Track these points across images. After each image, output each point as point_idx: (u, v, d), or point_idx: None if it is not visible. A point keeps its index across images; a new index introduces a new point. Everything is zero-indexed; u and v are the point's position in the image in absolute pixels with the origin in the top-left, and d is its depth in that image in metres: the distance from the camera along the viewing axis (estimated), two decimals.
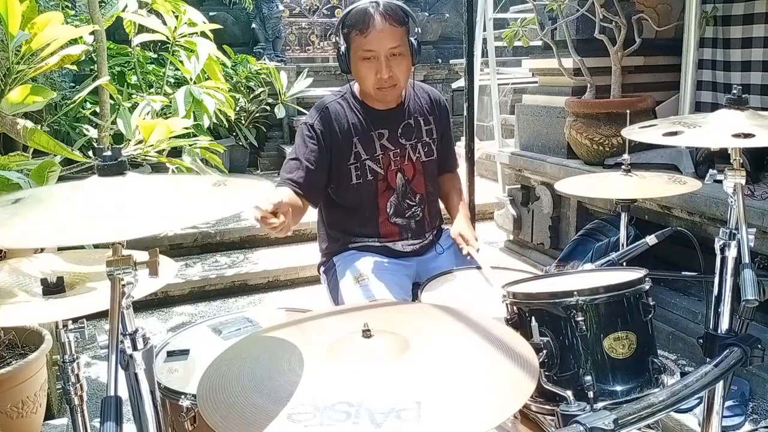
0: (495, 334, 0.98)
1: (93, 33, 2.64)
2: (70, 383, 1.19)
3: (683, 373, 2.21)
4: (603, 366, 1.16)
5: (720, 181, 1.26)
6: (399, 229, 1.84)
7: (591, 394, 1.12)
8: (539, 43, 3.45)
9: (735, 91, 1.27)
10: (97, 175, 0.88)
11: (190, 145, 2.73)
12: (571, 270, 2.45)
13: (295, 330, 1.06)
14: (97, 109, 3.00)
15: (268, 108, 5.99)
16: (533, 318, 1.18)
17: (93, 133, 3.38)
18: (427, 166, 1.87)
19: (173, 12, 3.02)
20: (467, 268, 1.76)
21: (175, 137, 2.54)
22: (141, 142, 2.49)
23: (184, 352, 1.45)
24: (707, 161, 2.47)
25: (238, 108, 5.55)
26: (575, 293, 1.16)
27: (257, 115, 6.00)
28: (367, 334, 0.93)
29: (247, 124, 5.90)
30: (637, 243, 1.71)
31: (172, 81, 4.30)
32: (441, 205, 2.01)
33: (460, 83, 5.06)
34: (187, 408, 1.25)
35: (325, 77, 6.94)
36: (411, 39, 1.71)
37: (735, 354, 1.11)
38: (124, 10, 2.93)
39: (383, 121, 1.80)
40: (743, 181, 1.22)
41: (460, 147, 2.79)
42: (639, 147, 2.55)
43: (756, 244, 1.27)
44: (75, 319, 1.14)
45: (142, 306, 3.32)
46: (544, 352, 1.16)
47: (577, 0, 2.95)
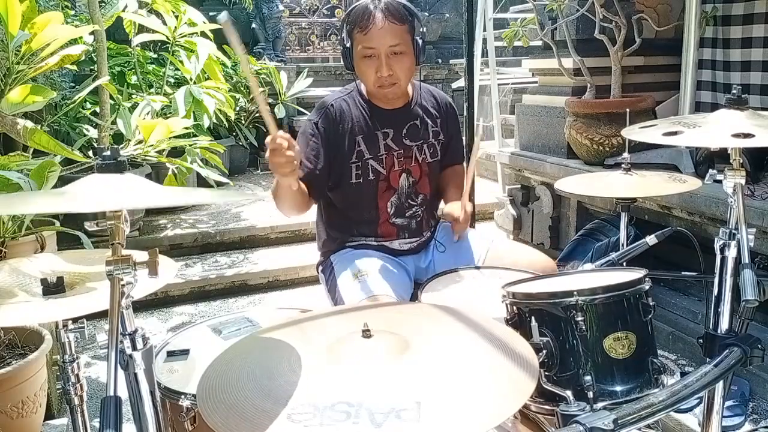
0: (495, 334, 0.98)
1: (93, 33, 2.64)
2: (70, 383, 1.19)
3: (683, 373, 2.22)
4: (603, 366, 1.16)
5: (720, 181, 1.25)
6: (398, 229, 1.84)
7: (591, 394, 1.12)
8: (539, 43, 3.45)
9: (735, 91, 1.27)
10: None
11: (190, 145, 2.73)
12: (571, 270, 2.45)
13: (295, 330, 1.06)
14: (97, 109, 3.00)
15: (268, 108, 6.00)
16: (533, 318, 1.18)
17: (93, 133, 3.38)
18: (432, 167, 1.87)
19: (173, 12, 3.03)
20: (467, 268, 1.76)
21: (175, 137, 2.54)
22: (141, 142, 2.49)
23: (184, 352, 1.45)
24: (707, 161, 2.47)
25: (238, 108, 5.55)
26: (575, 293, 1.16)
27: (257, 115, 6.00)
28: (367, 334, 0.93)
29: (247, 124, 5.91)
30: (637, 243, 1.71)
31: (172, 81, 4.30)
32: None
33: (460, 83, 5.06)
34: (187, 408, 1.25)
35: (325, 77, 6.94)
36: (415, 38, 1.70)
37: (735, 354, 1.11)
38: (124, 10, 2.93)
39: (388, 120, 1.79)
40: (743, 181, 1.22)
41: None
42: (639, 147, 2.54)
43: (756, 244, 1.27)
44: (75, 319, 1.14)
45: (142, 306, 3.31)
46: (544, 352, 1.16)
47: (577, 0, 2.95)
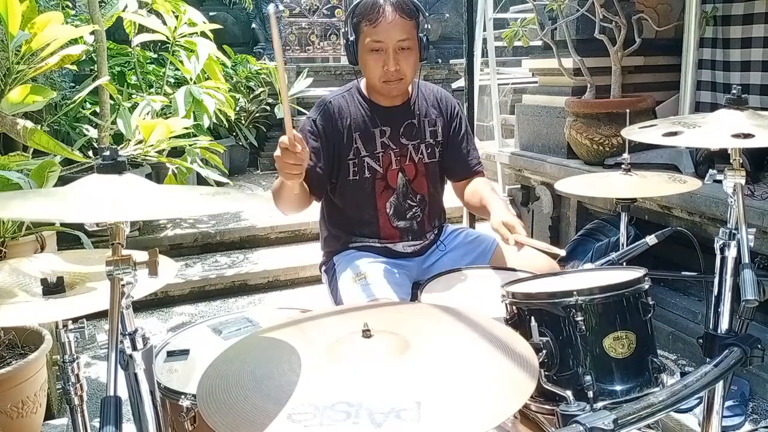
0: (495, 334, 0.98)
1: (93, 33, 2.64)
2: (70, 383, 1.19)
3: (683, 373, 2.22)
4: (603, 366, 1.16)
5: (720, 181, 1.25)
6: (400, 232, 1.84)
7: (591, 394, 1.12)
8: (539, 43, 3.45)
9: (735, 91, 1.27)
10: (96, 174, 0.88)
11: (190, 145, 2.73)
12: (571, 270, 2.45)
13: (295, 330, 1.06)
14: (97, 109, 2.99)
15: (268, 108, 6.00)
16: (533, 318, 1.18)
17: (93, 133, 3.38)
18: (430, 168, 1.85)
19: (173, 12, 3.03)
20: (467, 268, 1.76)
21: (175, 137, 2.54)
22: (141, 142, 2.49)
23: (184, 352, 1.45)
24: (707, 161, 2.47)
25: (238, 108, 5.56)
26: (575, 293, 1.16)
27: (257, 115, 6.01)
28: (367, 334, 0.93)
29: (247, 124, 5.91)
30: (637, 243, 1.71)
31: (172, 81, 4.30)
32: (444, 205, 1.98)
33: (460, 83, 5.06)
34: (187, 408, 1.25)
35: (325, 77, 6.94)
36: (420, 34, 1.68)
37: (735, 354, 1.11)
38: (124, 10, 2.93)
39: (387, 117, 1.78)
40: (743, 181, 1.22)
41: None
42: (639, 147, 2.54)
43: (756, 244, 1.27)
44: (75, 319, 1.14)
45: (142, 306, 3.31)
46: (544, 352, 1.16)
47: (577, 0, 2.95)
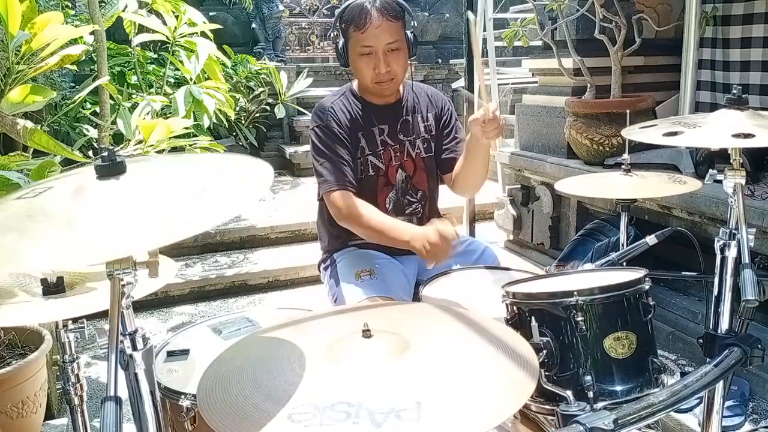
0: (495, 334, 0.98)
1: (93, 33, 2.63)
2: (70, 383, 1.20)
3: (683, 373, 2.22)
4: (603, 366, 1.16)
5: (720, 181, 1.26)
6: None
7: (591, 394, 1.12)
8: (539, 43, 3.45)
9: (735, 91, 1.27)
10: (96, 176, 0.87)
11: (190, 145, 2.72)
12: (571, 270, 2.45)
13: (295, 330, 1.06)
14: (97, 109, 2.99)
15: (268, 108, 6.00)
16: (533, 318, 1.18)
17: (93, 133, 3.38)
18: (427, 162, 1.86)
19: (173, 12, 3.02)
20: (467, 268, 1.76)
21: (175, 137, 2.53)
22: (141, 142, 2.49)
23: (184, 352, 1.45)
24: (707, 161, 2.47)
25: (238, 108, 5.55)
26: (575, 293, 1.16)
27: (257, 115, 6.00)
28: (367, 334, 0.93)
29: (247, 124, 5.90)
30: (637, 243, 1.71)
31: (172, 81, 4.30)
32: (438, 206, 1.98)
33: (460, 83, 5.06)
34: (187, 408, 1.25)
35: (325, 77, 6.94)
36: (407, 33, 1.71)
37: (735, 354, 1.11)
38: (124, 10, 2.93)
39: (383, 116, 1.80)
40: (743, 181, 1.22)
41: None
42: (639, 147, 2.54)
43: (756, 244, 1.27)
44: (75, 319, 1.15)
45: (142, 306, 3.31)
46: (544, 352, 1.16)
47: (577, 0, 2.95)
